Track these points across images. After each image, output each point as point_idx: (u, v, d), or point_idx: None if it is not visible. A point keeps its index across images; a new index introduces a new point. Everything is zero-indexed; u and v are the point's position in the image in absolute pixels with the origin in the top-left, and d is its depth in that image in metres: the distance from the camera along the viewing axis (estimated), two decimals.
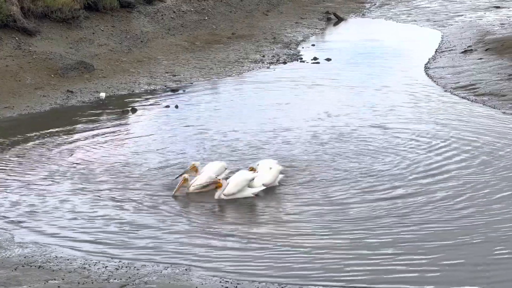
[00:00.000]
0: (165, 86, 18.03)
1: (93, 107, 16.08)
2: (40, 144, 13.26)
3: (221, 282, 7.75)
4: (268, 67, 20.17)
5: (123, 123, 14.84)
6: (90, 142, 13.39)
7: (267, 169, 10.79)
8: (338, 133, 13.46)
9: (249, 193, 10.42)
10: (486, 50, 20.15)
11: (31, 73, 17.57)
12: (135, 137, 13.74)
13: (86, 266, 8.19)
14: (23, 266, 8.17)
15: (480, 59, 19.24)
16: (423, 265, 8.09)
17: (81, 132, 14.11)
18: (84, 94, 16.96)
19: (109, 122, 14.90)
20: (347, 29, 27.37)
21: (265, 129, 13.92)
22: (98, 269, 8.10)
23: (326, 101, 16.23)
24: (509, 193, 10.14)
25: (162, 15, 23.71)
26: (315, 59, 20.87)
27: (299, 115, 14.91)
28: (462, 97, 16.03)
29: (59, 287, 7.55)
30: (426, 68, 19.39)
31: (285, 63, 20.64)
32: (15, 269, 8.06)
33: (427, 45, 22.63)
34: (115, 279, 7.80)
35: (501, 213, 9.47)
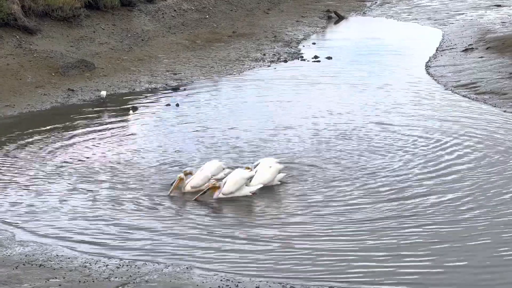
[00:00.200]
0: (166, 84, 18.03)
1: (94, 106, 16.08)
2: (40, 143, 13.25)
3: (221, 280, 7.75)
4: (269, 66, 20.17)
5: (124, 122, 14.84)
6: (91, 140, 13.38)
7: (266, 168, 10.76)
8: (340, 131, 13.45)
9: (247, 191, 10.39)
10: (487, 48, 20.14)
11: (32, 72, 17.57)
12: (136, 135, 13.74)
13: (87, 264, 8.18)
14: (24, 264, 8.17)
15: (481, 57, 19.23)
16: (427, 266, 8.03)
17: (82, 130, 14.10)
18: (85, 92, 16.96)
19: (110, 120, 14.89)
20: (348, 27, 27.36)
21: (266, 127, 13.91)
22: (99, 267, 8.10)
23: (327, 99, 16.23)
24: None
25: (163, 14, 23.71)
26: (316, 57, 20.87)
27: (300, 113, 14.90)
28: (463, 96, 16.02)
29: (60, 285, 7.54)
30: (427, 66, 19.38)
31: (286, 62, 20.63)
32: (16, 268, 8.06)
33: (428, 43, 22.62)
34: (116, 278, 7.80)
35: (507, 214, 9.41)
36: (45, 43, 19.08)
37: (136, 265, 8.15)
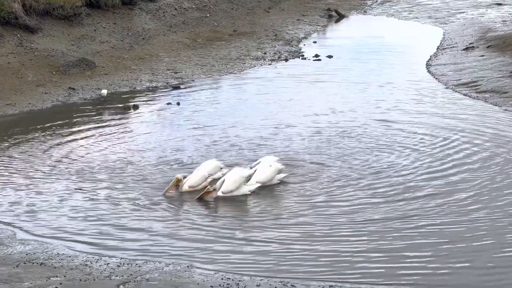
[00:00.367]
0: (167, 83, 18.03)
1: (95, 104, 16.09)
2: (41, 141, 13.26)
3: (222, 279, 7.75)
4: (269, 64, 20.17)
5: (125, 120, 14.84)
6: (91, 139, 13.39)
7: (266, 166, 10.71)
8: (341, 129, 13.42)
9: (246, 190, 10.36)
10: (487, 47, 20.13)
11: (32, 70, 17.58)
12: (137, 134, 13.74)
13: (87, 263, 8.19)
14: (25, 263, 8.18)
15: (481, 56, 19.22)
16: (431, 267, 7.98)
17: (83, 129, 14.11)
18: (85, 91, 16.96)
19: (110, 119, 14.89)
20: (349, 26, 27.34)
21: (267, 125, 13.90)
22: (99, 266, 8.11)
23: (328, 97, 16.22)
24: None
25: (163, 12, 23.70)
26: (317, 56, 20.86)
27: (301, 112, 14.90)
28: (464, 94, 16.01)
29: (61, 284, 7.55)
30: (427, 65, 19.38)
31: (286, 60, 20.63)
32: (17, 266, 8.06)
33: (429, 42, 22.61)
34: (116, 276, 7.80)
35: (509, 213, 9.38)
36: (46, 42, 19.08)
37: (136, 264, 8.16)
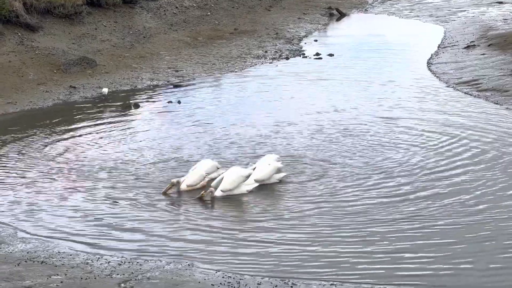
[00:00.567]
0: (168, 81, 18.03)
1: (96, 103, 16.09)
2: (42, 140, 13.26)
3: (223, 277, 7.75)
4: (270, 63, 20.16)
5: (126, 119, 14.84)
6: (93, 138, 13.39)
7: (265, 165, 10.65)
8: (343, 128, 13.41)
9: (244, 189, 10.35)
10: (489, 45, 20.12)
11: (33, 69, 17.58)
12: (137, 132, 13.74)
13: (89, 261, 8.19)
14: (26, 261, 8.18)
15: (482, 54, 19.21)
16: (432, 268, 7.95)
17: (84, 128, 14.11)
18: (86, 89, 16.97)
19: (111, 118, 14.90)
20: (350, 24, 27.33)
21: (268, 123, 13.89)
22: (100, 264, 8.11)
23: (329, 95, 16.22)
24: None
25: (164, 11, 23.70)
26: (318, 54, 20.85)
27: (302, 110, 14.89)
28: (465, 93, 16.00)
29: (62, 282, 7.55)
30: (428, 63, 19.37)
31: (287, 59, 20.63)
32: (18, 264, 8.07)
33: (430, 40, 22.60)
34: (117, 275, 7.80)
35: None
36: (47, 40, 19.09)
37: (137, 262, 8.16)
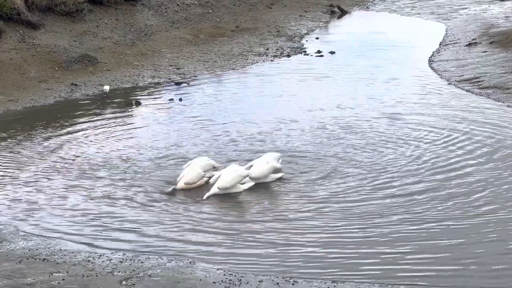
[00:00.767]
0: (169, 79, 18.03)
1: (97, 100, 16.10)
2: (43, 137, 13.27)
3: (225, 275, 7.75)
4: (272, 60, 20.15)
5: (127, 116, 14.85)
6: (94, 135, 13.40)
7: (262, 163, 10.58)
8: (345, 125, 13.40)
9: (241, 188, 10.33)
10: (490, 43, 20.11)
11: (35, 66, 17.58)
12: (139, 130, 13.75)
13: (90, 259, 8.20)
14: (27, 259, 8.19)
15: (484, 52, 19.20)
16: (434, 264, 7.95)
17: (85, 125, 14.11)
18: (88, 87, 16.97)
19: (113, 115, 14.90)
20: (351, 22, 27.32)
21: (269, 121, 13.88)
22: (102, 262, 8.12)
23: (331, 93, 16.20)
24: None
25: (166, 8, 23.69)
26: (319, 52, 20.84)
27: (304, 107, 14.88)
28: (466, 90, 15.99)
29: (63, 279, 7.55)
30: (430, 61, 19.36)
31: (289, 56, 20.62)
32: (20, 262, 8.07)
33: (431, 38, 22.58)
34: (119, 272, 7.81)
35: None
36: (48, 38, 19.09)
37: (139, 260, 8.16)
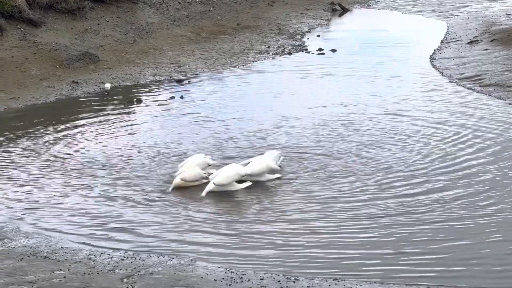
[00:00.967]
0: (170, 77, 18.03)
1: (98, 98, 16.10)
2: (45, 135, 13.27)
3: (226, 272, 7.75)
4: (273, 58, 20.16)
5: (128, 114, 14.85)
6: (95, 133, 13.40)
7: (260, 161, 10.57)
8: (348, 122, 13.38)
9: (238, 187, 10.32)
10: (491, 41, 20.09)
11: (36, 64, 17.59)
12: (140, 128, 13.75)
13: (91, 256, 8.20)
14: (29, 256, 8.19)
15: (485, 50, 19.19)
16: (437, 264, 7.92)
17: (87, 123, 14.12)
18: (89, 85, 16.98)
19: (114, 113, 14.90)
20: (352, 20, 27.33)
21: (270, 118, 13.88)
22: (103, 259, 8.12)
23: (333, 90, 16.21)
24: None
25: (167, 6, 23.70)
26: (321, 50, 20.85)
27: (305, 105, 14.87)
28: (467, 88, 15.98)
29: (65, 277, 7.56)
30: (431, 59, 19.35)
31: (290, 54, 20.62)
32: (21, 260, 8.08)
33: (433, 35, 22.60)
34: (120, 270, 7.81)
35: None
36: (50, 36, 19.09)
37: (140, 257, 8.17)
